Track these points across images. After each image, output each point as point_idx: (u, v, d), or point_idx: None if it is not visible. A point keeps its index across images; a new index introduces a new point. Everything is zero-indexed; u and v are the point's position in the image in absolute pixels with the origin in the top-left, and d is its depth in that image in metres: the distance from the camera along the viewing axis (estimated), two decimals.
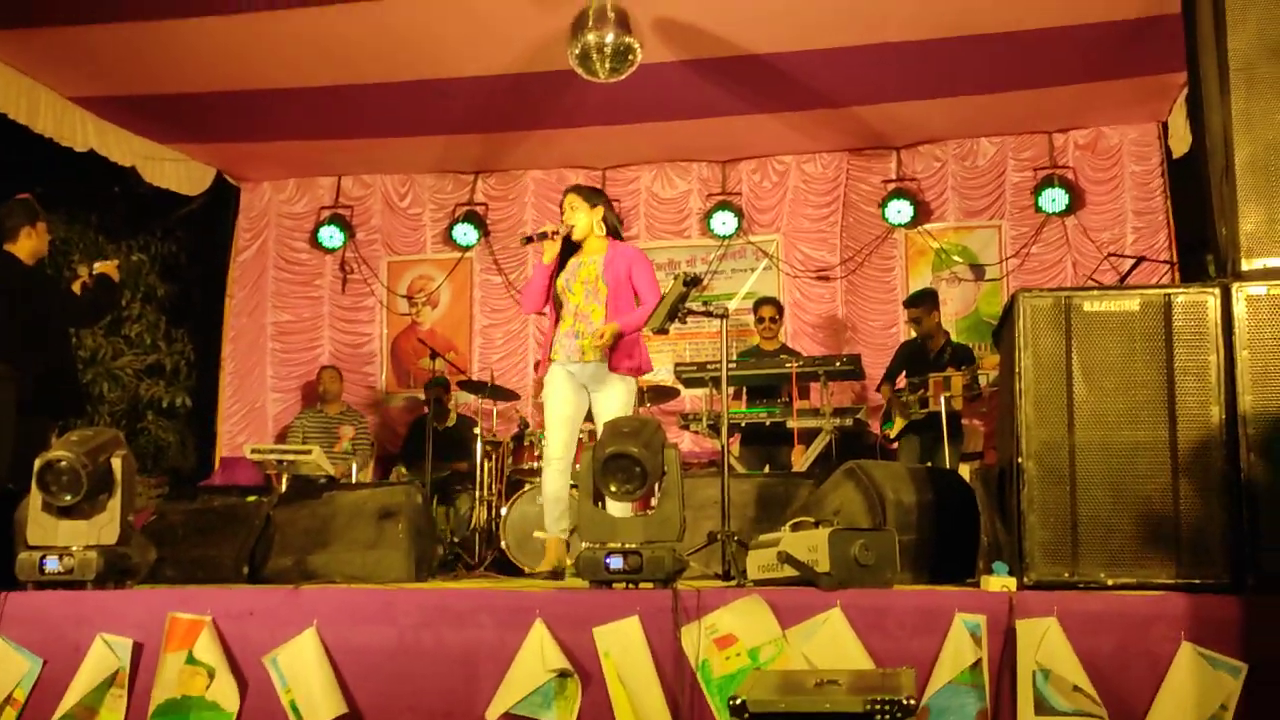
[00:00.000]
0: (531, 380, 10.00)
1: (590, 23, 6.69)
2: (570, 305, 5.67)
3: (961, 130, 9.63)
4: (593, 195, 5.78)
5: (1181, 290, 3.85)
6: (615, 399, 5.54)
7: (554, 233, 5.63)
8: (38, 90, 7.98)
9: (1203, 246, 4.29)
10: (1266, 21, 3.88)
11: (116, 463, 4.38)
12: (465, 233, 10.24)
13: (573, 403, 5.67)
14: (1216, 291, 3.80)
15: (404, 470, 9.03)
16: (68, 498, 4.25)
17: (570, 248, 5.71)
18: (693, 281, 5.01)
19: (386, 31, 7.38)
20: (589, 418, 5.81)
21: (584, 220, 5.66)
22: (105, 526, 4.33)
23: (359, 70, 8.02)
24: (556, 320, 5.72)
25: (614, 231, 5.78)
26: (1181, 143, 8.47)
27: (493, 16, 7.16)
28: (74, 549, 4.24)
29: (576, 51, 6.77)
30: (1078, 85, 8.46)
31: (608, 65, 6.80)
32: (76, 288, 6.49)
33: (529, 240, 5.80)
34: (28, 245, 6.23)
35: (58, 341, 6.35)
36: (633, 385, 5.68)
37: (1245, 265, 3.80)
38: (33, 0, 6.88)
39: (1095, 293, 3.96)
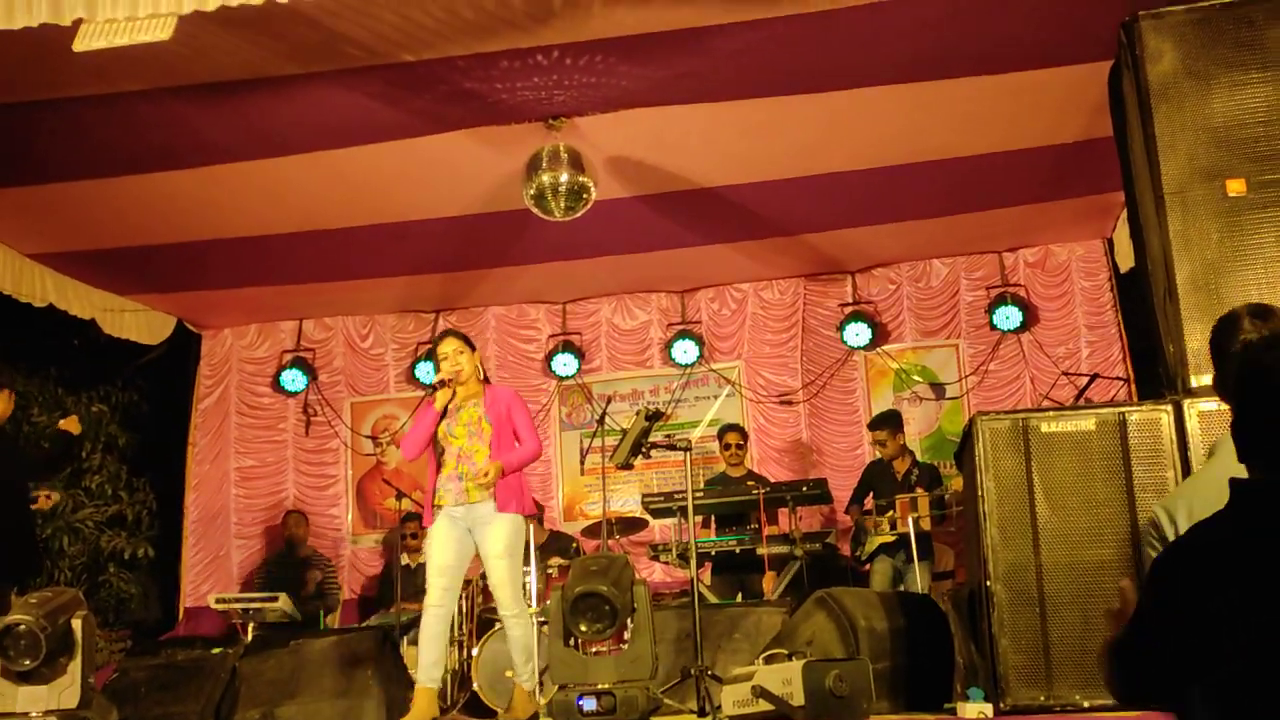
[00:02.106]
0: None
1: (544, 164, 6.81)
2: (453, 449, 5.60)
3: (914, 253, 9.82)
4: (470, 341, 5.83)
5: (1135, 408, 3.92)
6: (501, 537, 5.43)
7: (449, 380, 5.62)
8: None
9: (1155, 359, 4.38)
10: (1196, 146, 4.04)
11: (77, 624, 4.32)
12: (428, 371, 10.25)
13: (455, 550, 5.52)
14: (1169, 408, 3.87)
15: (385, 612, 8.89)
16: (27, 662, 4.17)
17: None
18: (654, 416, 5.05)
19: (344, 179, 7.48)
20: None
21: (468, 365, 5.67)
22: (65, 690, 4.25)
23: (317, 217, 8.11)
24: (438, 467, 5.64)
25: (485, 377, 5.88)
26: (1127, 258, 8.68)
27: (448, 161, 7.28)
28: (33, 715, 4.14)
29: (532, 192, 6.88)
30: (1024, 206, 8.67)
31: (563, 204, 6.90)
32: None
33: (433, 389, 5.67)
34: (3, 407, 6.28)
35: (16, 502, 6.29)
36: (520, 524, 5.58)
37: (1195, 382, 3.88)
38: None
39: (1051, 413, 4.03)
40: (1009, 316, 9.53)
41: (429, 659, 5.37)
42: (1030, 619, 3.79)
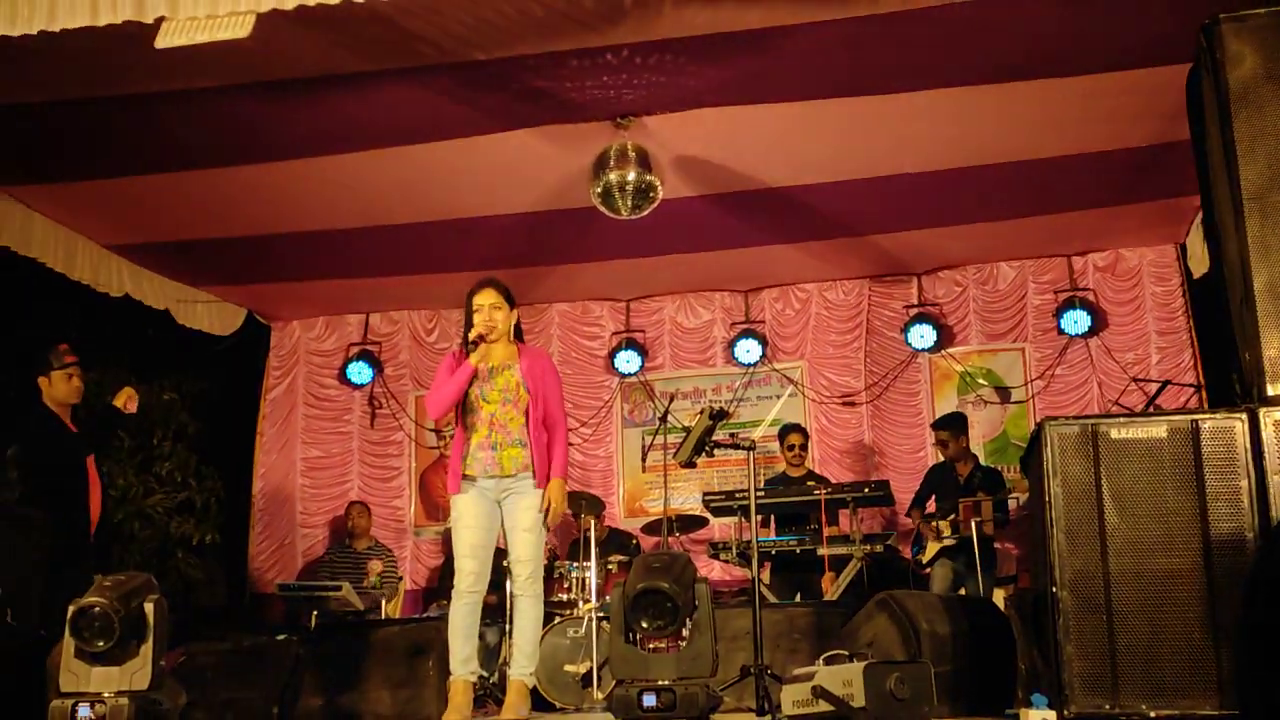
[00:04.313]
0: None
1: (612, 162, 6.83)
2: (484, 414, 5.23)
3: (980, 255, 9.73)
4: (511, 295, 5.43)
5: (1209, 415, 3.86)
6: (533, 509, 5.17)
7: (485, 336, 5.22)
8: (75, 239, 8.20)
9: (1228, 366, 4.31)
10: (1276, 151, 3.97)
11: (149, 607, 4.40)
12: None
13: (485, 528, 5.20)
14: (1244, 416, 3.81)
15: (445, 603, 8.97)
16: (100, 643, 4.26)
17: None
18: (719, 415, 5.05)
19: (413, 175, 7.56)
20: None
21: (504, 323, 5.30)
22: (137, 672, 4.33)
23: (386, 212, 8.20)
24: (465, 430, 5.28)
25: (519, 338, 5.47)
26: (1200, 263, 8.54)
27: (517, 158, 7.33)
28: (106, 696, 4.23)
29: (599, 190, 6.91)
30: (1094, 210, 8.56)
31: (630, 203, 6.92)
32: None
33: (469, 345, 5.26)
34: (62, 389, 6.38)
35: (74, 487, 6.37)
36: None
37: (1271, 390, 3.82)
38: (72, 156, 7.10)
39: (1122, 419, 3.98)
40: (1077, 321, 9.42)
41: (464, 651, 5.11)
42: (1097, 627, 3.74)
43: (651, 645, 4.26)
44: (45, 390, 6.40)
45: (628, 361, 10.19)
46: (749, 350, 10.01)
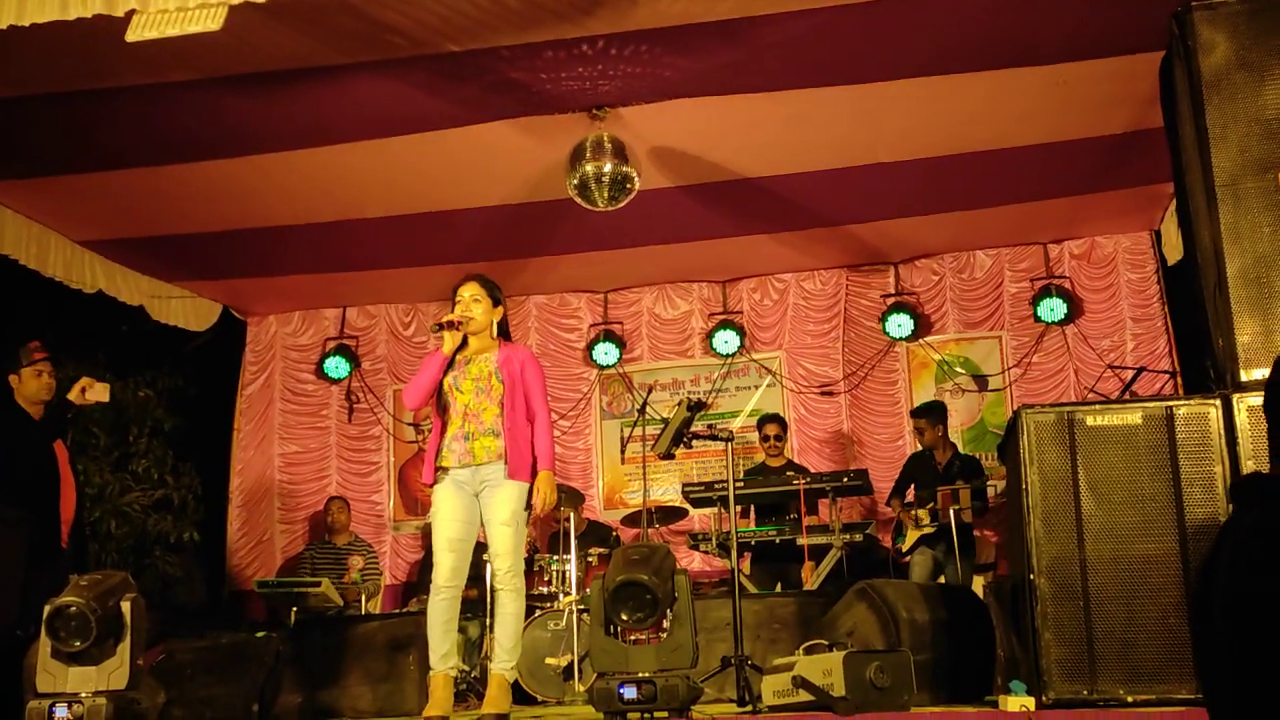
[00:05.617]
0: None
1: (588, 154, 6.81)
2: (458, 405, 5.21)
3: (957, 244, 9.76)
4: (495, 292, 5.37)
5: (1183, 402, 3.89)
6: (508, 503, 5.10)
7: (458, 322, 5.21)
8: (48, 236, 8.13)
9: (1203, 352, 4.34)
10: (1248, 138, 3.99)
11: (126, 606, 4.39)
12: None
13: (463, 521, 5.17)
14: (1217, 403, 3.84)
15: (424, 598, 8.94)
16: (77, 643, 4.24)
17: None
18: (696, 406, 5.06)
19: (388, 168, 7.53)
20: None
21: (483, 317, 5.27)
22: (115, 671, 4.32)
23: (361, 205, 8.17)
24: (443, 425, 5.26)
25: (505, 336, 5.43)
26: (1175, 250, 8.59)
27: (492, 150, 7.31)
28: (83, 696, 4.22)
29: (575, 182, 6.89)
30: (1070, 198, 8.60)
31: (606, 194, 6.91)
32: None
33: (440, 328, 5.24)
34: (31, 386, 6.30)
35: (42, 485, 6.28)
36: (525, 490, 5.19)
37: (1244, 376, 3.85)
38: (43, 151, 7.04)
39: (1097, 407, 4.00)
40: (1053, 309, 9.46)
41: (443, 647, 5.07)
42: (1074, 613, 3.77)
43: (632, 637, 4.26)
44: (15, 388, 6.33)
45: (606, 353, 10.18)
46: (727, 341, 10.02)
